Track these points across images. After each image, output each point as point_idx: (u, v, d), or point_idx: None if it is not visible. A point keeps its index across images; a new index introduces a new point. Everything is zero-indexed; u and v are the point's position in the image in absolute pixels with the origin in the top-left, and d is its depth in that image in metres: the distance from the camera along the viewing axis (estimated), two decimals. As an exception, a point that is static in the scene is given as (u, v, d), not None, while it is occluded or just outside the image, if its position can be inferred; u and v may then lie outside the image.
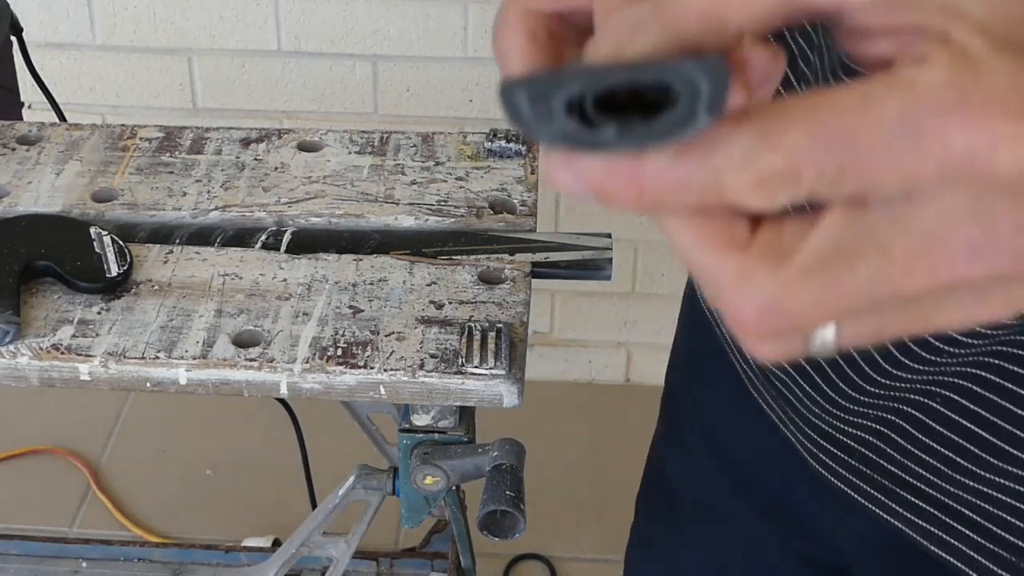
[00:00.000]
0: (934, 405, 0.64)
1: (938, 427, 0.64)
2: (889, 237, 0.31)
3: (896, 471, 0.67)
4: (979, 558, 0.65)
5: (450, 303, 0.83)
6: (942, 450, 0.64)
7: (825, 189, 0.31)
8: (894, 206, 0.31)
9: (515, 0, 0.40)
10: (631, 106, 0.31)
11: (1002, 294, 0.32)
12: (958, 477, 0.64)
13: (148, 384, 0.79)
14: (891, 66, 0.31)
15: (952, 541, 0.67)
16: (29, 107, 1.90)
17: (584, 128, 0.32)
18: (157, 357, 0.79)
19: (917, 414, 0.65)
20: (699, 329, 0.84)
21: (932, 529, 0.67)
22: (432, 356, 0.79)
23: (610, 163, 0.32)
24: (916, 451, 0.66)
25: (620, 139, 0.31)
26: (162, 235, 0.90)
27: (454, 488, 1.00)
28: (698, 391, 0.88)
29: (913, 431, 0.66)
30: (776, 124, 0.30)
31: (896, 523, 0.68)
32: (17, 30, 1.13)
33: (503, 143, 0.97)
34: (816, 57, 0.63)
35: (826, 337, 0.33)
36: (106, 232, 0.87)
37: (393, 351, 0.79)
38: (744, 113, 0.31)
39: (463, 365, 0.78)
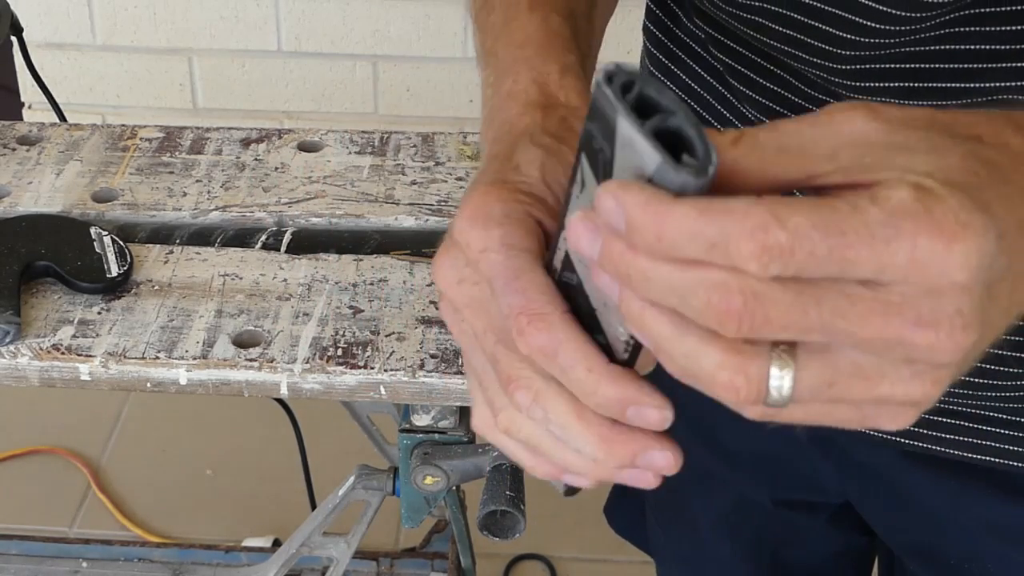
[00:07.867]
0: None
1: None
2: (856, 293, 0.38)
3: None
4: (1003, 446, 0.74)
5: (450, 303, 0.83)
6: None
7: (810, 268, 0.37)
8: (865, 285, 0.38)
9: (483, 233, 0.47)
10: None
11: (932, 374, 0.39)
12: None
13: (148, 384, 0.79)
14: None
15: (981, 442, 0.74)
16: (29, 107, 1.91)
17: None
18: (157, 357, 0.79)
19: None
20: None
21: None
22: (432, 356, 0.79)
23: (647, 200, 0.38)
24: None
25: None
26: (162, 235, 0.90)
27: (454, 488, 1.00)
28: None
29: None
30: (784, 208, 0.37)
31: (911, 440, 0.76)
32: (17, 30, 1.13)
33: (503, 143, 0.97)
34: None
35: (783, 385, 0.39)
36: (106, 232, 0.87)
37: (393, 351, 0.79)
38: (757, 196, 0.37)
39: (463, 365, 0.78)
